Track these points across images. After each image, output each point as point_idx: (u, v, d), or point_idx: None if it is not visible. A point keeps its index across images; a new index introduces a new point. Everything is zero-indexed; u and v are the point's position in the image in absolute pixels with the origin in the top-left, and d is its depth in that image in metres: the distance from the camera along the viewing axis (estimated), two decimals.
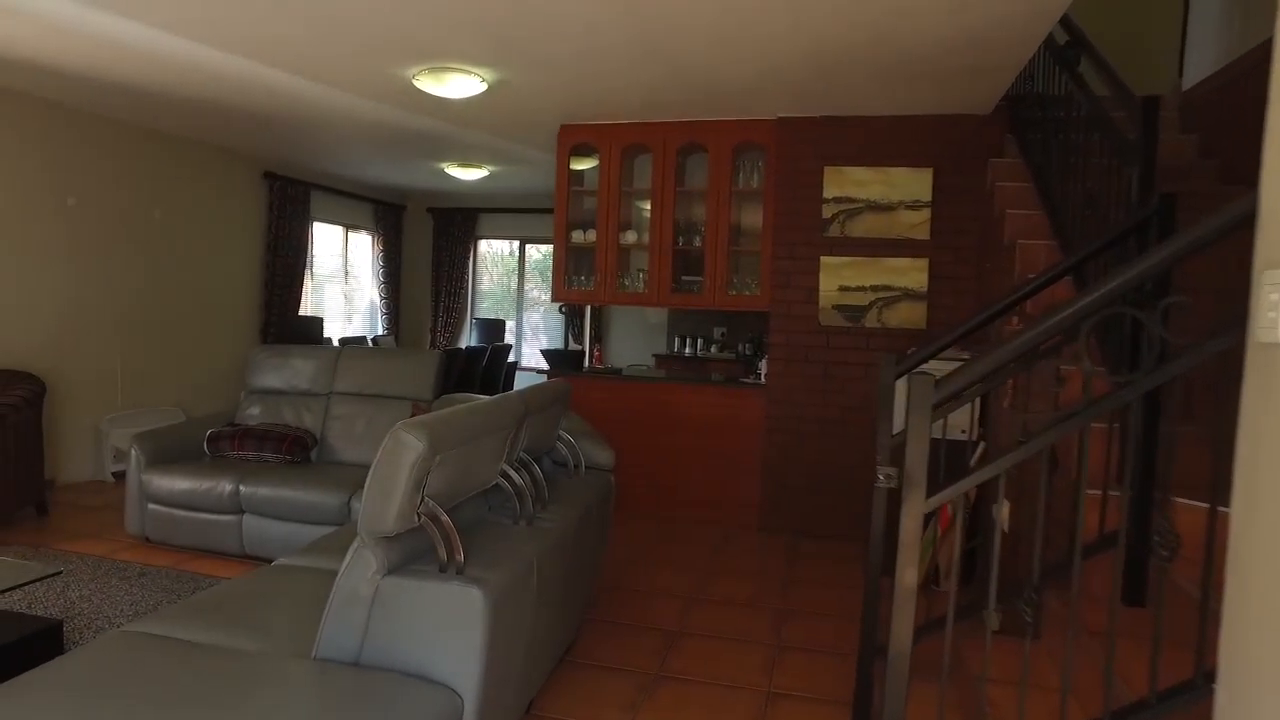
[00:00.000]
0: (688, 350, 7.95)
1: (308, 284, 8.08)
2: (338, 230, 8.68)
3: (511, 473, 2.52)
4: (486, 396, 4.71)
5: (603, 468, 3.37)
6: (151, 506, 4.24)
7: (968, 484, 1.68)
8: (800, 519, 5.06)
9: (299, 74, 4.47)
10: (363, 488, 3.36)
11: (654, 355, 8.07)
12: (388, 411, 4.57)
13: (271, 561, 3.93)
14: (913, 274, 4.81)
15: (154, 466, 4.27)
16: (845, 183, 4.86)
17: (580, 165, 5.82)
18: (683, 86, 4.45)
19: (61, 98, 5.27)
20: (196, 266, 6.66)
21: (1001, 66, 3.89)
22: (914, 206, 4.78)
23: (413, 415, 4.37)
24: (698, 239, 5.37)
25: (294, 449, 4.43)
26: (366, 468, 4.45)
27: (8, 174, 5.11)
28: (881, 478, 1.92)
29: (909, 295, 4.80)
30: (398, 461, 1.92)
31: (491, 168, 7.30)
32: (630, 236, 5.50)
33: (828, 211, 4.91)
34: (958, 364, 4.06)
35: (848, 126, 4.90)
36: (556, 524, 2.60)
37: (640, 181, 5.61)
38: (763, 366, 5.24)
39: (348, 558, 2.00)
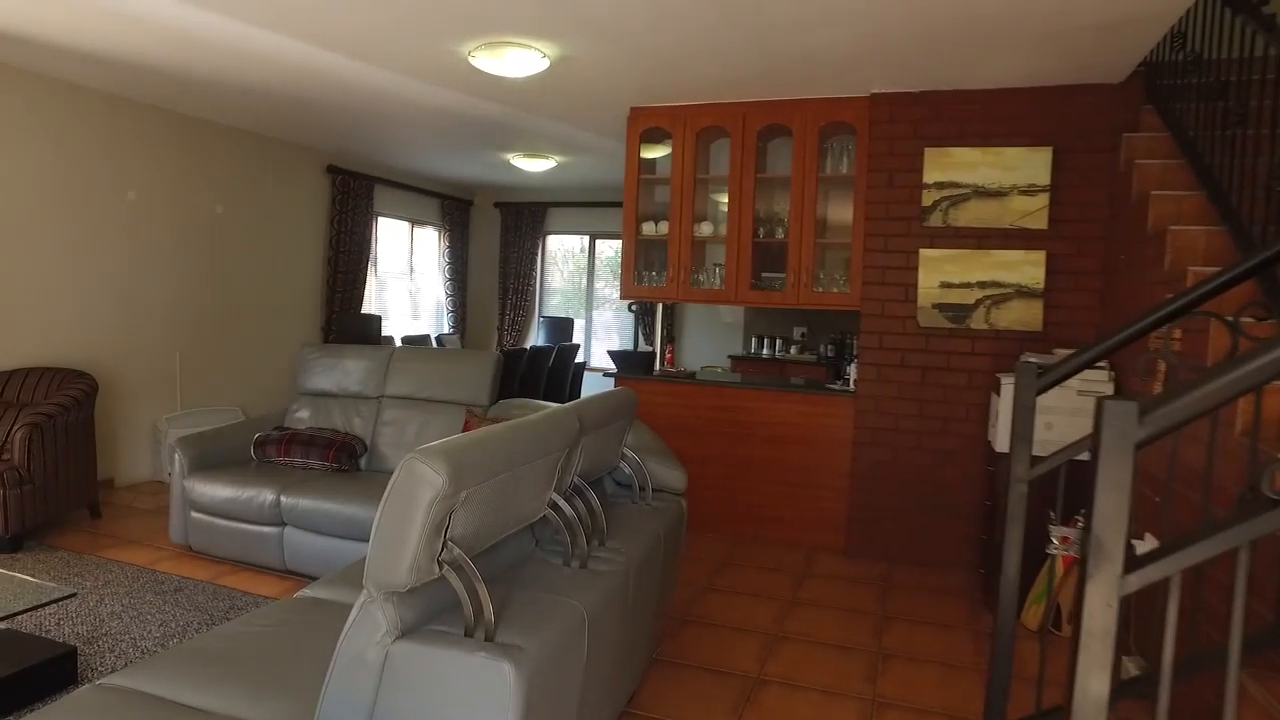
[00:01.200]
0: (765, 352, 7.45)
1: (371, 281, 7.89)
2: (403, 225, 8.48)
3: (562, 503, 2.10)
4: (547, 403, 4.33)
5: (673, 491, 2.93)
6: (194, 515, 4.00)
7: (1192, 556, 1.18)
8: (893, 543, 4.52)
9: (352, 55, 4.17)
10: None
11: (730, 357, 7.60)
12: (441, 418, 4.23)
13: (313, 579, 3.64)
14: (1027, 268, 4.21)
15: (196, 472, 4.03)
16: (949, 165, 4.30)
17: (652, 154, 5.39)
18: (766, 57, 3.97)
19: (120, 90, 5.12)
20: (258, 263, 6.50)
21: (1146, 19, 3.29)
22: (1029, 191, 4.18)
23: (465, 424, 4.02)
24: (780, 231, 4.88)
25: (340, 456, 4.13)
26: None
27: (66, 168, 4.99)
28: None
29: (1022, 293, 4.21)
30: (411, 500, 1.52)
31: (559, 158, 6.95)
32: (705, 228, 5.05)
33: (928, 199, 4.35)
34: (1092, 370, 3.49)
35: (952, 102, 4.33)
36: (616, 565, 2.17)
37: (717, 168, 5.15)
38: (851, 371, 4.72)
39: (352, 614, 1.62)
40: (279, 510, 3.76)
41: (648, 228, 5.17)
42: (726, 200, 4.95)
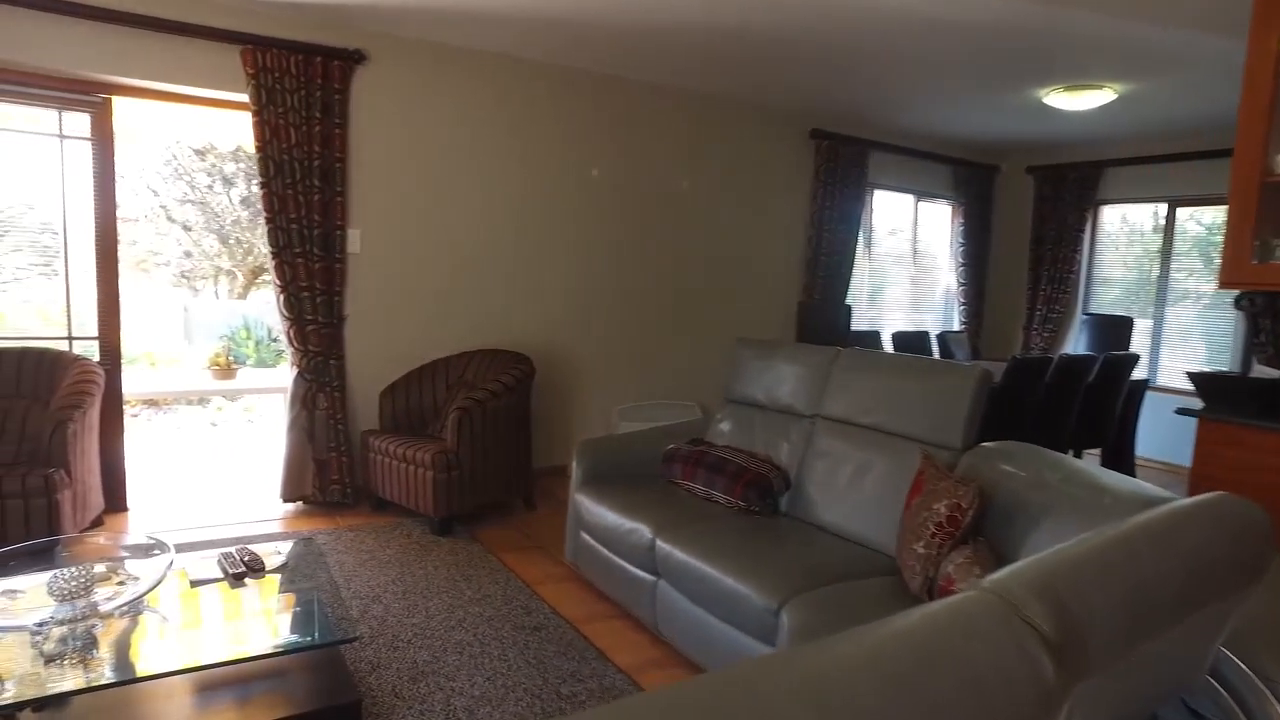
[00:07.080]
0: None
1: (863, 265, 6.70)
2: (905, 199, 7.07)
3: None
4: (1066, 459, 2.62)
5: None
6: (583, 535, 3.36)
7: None
8: None
9: None
10: (814, 588, 2.03)
11: None
12: (885, 460, 2.87)
13: (686, 659, 2.68)
14: None
15: (590, 485, 3.37)
16: None
17: None
18: None
19: (573, 60, 4.79)
20: (727, 244, 5.82)
21: None
22: None
23: (918, 476, 2.59)
24: None
25: (749, 493, 3.06)
26: (841, 539, 2.87)
27: (522, 149, 4.85)
28: None
29: None
30: None
31: (1119, 86, 4.82)
32: None
33: None
34: None
35: None
36: None
37: None
38: None
39: None
40: (653, 556, 2.85)
41: None
42: None
